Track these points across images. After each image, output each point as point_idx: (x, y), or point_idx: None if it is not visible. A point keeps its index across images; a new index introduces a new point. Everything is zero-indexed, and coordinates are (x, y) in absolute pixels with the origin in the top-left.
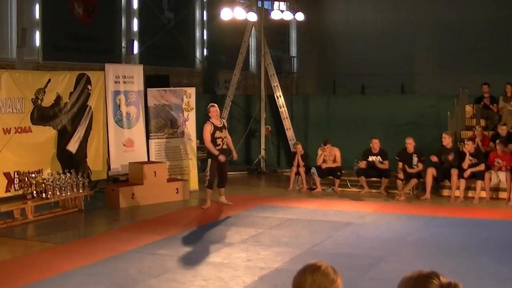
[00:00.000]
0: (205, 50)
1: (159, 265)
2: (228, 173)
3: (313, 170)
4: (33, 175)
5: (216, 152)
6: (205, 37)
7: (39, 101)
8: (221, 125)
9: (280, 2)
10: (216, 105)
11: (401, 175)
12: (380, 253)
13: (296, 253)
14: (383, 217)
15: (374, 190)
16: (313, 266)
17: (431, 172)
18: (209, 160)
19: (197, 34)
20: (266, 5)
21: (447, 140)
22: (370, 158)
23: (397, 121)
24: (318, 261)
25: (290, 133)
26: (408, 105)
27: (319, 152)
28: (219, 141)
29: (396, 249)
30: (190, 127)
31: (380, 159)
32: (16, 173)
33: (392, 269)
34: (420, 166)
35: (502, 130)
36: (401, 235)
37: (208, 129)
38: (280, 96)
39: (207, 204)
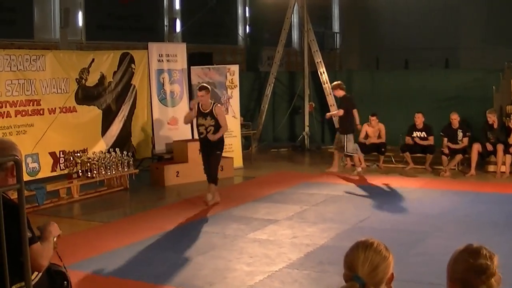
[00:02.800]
0: (247, 27)
1: (205, 242)
2: (273, 150)
3: (356, 146)
4: (78, 154)
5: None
6: (247, 14)
7: (83, 80)
8: (206, 111)
9: None
10: (205, 87)
11: (446, 151)
12: (426, 228)
13: (342, 230)
14: (428, 193)
15: (419, 166)
16: (366, 243)
17: (476, 147)
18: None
19: (240, 11)
20: None
21: (492, 119)
22: (415, 134)
23: (442, 96)
24: (370, 238)
25: (334, 110)
26: (452, 80)
27: (363, 127)
28: (201, 129)
29: (442, 225)
30: (234, 105)
31: (425, 135)
32: (61, 152)
33: (438, 245)
34: (465, 141)
35: None
36: (446, 211)
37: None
38: (323, 72)
39: (208, 198)
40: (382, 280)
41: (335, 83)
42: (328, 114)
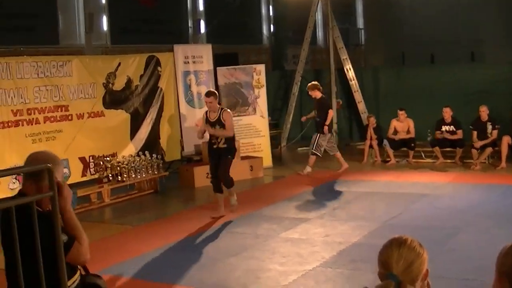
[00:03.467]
0: (271, 26)
1: (237, 243)
2: (300, 148)
3: (385, 142)
4: (108, 158)
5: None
6: (271, 13)
7: (110, 85)
8: (214, 120)
9: None
10: (213, 93)
11: (476, 144)
12: (458, 224)
13: (374, 227)
14: (459, 187)
15: (449, 160)
16: (399, 240)
17: (506, 140)
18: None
19: (263, 10)
20: None
21: None
22: (443, 128)
23: (468, 90)
24: (403, 235)
25: (361, 106)
26: (479, 74)
27: (392, 123)
28: (213, 138)
29: (473, 220)
30: (262, 104)
31: (453, 129)
32: (91, 157)
33: (470, 240)
34: (495, 134)
35: None
36: (477, 205)
37: (200, 118)
38: (350, 69)
39: (221, 213)
40: (417, 277)
41: (311, 83)
42: (304, 117)
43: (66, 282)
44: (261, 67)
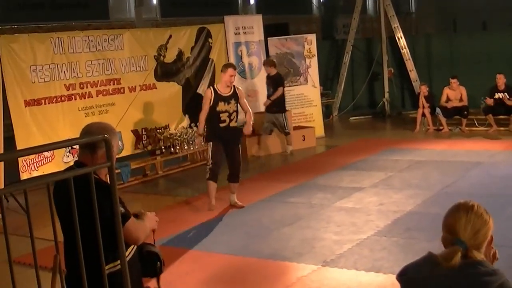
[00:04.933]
0: None
1: (292, 213)
2: (352, 118)
3: (438, 110)
4: (160, 130)
5: (200, 131)
6: None
7: (161, 57)
8: (228, 94)
9: None
10: (232, 66)
11: None
12: None
13: (428, 195)
14: None
15: (502, 128)
16: (466, 205)
17: None
18: (210, 143)
19: None
20: None
21: None
22: (497, 95)
23: None
24: (470, 201)
25: (413, 74)
26: None
27: (444, 91)
28: (223, 116)
29: None
30: (313, 74)
31: (507, 96)
32: (143, 130)
33: None
34: None
35: None
36: None
37: (207, 97)
38: (401, 37)
39: (212, 204)
40: (483, 243)
41: (267, 59)
42: (266, 101)
43: (125, 251)
44: (312, 37)
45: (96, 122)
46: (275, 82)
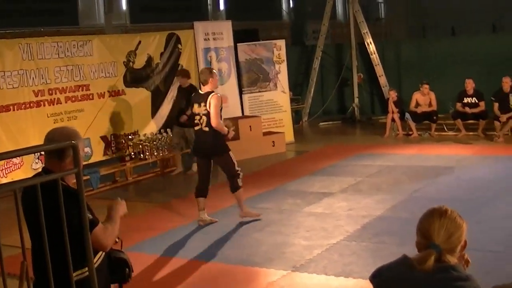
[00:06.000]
0: (291, 1)
1: (262, 218)
2: (322, 123)
3: (407, 115)
4: (130, 137)
5: (227, 133)
6: None
7: (130, 63)
8: (201, 94)
9: None
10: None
11: (502, 118)
12: (483, 195)
13: (397, 200)
14: (482, 159)
15: (471, 133)
16: (440, 210)
17: None
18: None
19: None
20: None
21: None
22: (465, 100)
23: (490, 61)
24: (444, 206)
25: (382, 80)
26: (501, 44)
27: (414, 96)
28: (196, 118)
29: (499, 191)
30: (283, 80)
31: (476, 100)
32: (112, 136)
33: (497, 211)
34: None
35: None
36: (502, 177)
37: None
38: (370, 42)
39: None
40: (457, 247)
41: (181, 70)
42: (183, 117)
43: (93, 258)
44: (282, 43)
45: (59, 127)
46: (188, 94)
